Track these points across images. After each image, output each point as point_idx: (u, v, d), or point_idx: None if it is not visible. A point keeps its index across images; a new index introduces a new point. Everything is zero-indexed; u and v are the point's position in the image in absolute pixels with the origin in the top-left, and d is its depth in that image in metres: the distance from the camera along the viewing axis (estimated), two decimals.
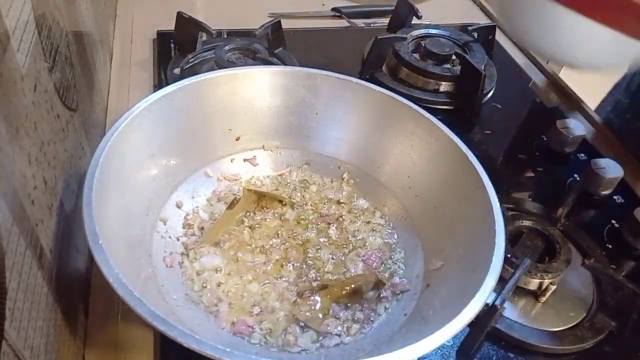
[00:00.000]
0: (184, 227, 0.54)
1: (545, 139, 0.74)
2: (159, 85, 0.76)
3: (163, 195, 0.54)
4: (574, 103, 0.84)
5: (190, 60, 0.74)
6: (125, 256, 0.43)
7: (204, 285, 0.49)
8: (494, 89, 0.82)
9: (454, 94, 0.79)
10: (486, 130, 0.76)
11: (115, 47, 0.84)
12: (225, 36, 0.83)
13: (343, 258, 0.53)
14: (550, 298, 0.53)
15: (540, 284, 0.52)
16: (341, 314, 0.48)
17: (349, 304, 0.49)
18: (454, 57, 0.82)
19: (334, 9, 0.98)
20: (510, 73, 0.88)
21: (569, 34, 0.51)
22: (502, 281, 0.43)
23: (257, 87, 0.58)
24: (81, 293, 0.50)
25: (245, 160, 0.61)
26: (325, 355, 0.45)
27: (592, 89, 1.01)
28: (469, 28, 0.88)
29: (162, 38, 0.85)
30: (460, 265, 0.47)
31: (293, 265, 0.52)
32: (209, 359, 0.33)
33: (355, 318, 0.48)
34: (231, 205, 0.55)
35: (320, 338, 0.46)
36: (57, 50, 0.48)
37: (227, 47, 0.75)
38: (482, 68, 0.76)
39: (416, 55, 0.82)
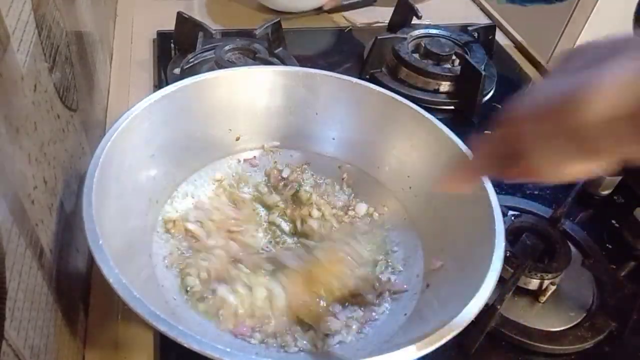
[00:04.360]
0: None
1: None
2: (159, 85, 0.76)
3: (163, 195, 0.54)
4: None
5: (190, 60, 0.74)
6: (125, 256, 0.43)
7: (204, 285, 0.49)
8: (494, 89, 0.82)
9: (454, 94, 0.79)
10: (486, 130, 0.76)
11: (115, 47, 0.84)
12: (226, 36, 0.83)
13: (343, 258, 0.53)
14: (550, 298, 0.53)
15: (540, 284, 0.52)
16: (341, 314, 0.48)
17: (349, 304, 0.49)
18: (454, 57, 0.82)
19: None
20: (510, 73, 0.88)
21: None
22: (502, 281, 0.43)
23: (257, 87, 0.58)
24: (81, 293, 0.50)
25: (245, 160, 0.61)
26: (325, 356, 0.45)
27: None
28: (469, 28, 0.88)
29: (162, 38, 0.85)
30: (460, 265, 0.47)
31: (293, 265, 0.52)
32: (209, 359, 0.33)
33: (355, 318, 0.48)
34: (232, 206, 0.55)
35: (321, 338, 0.46)
36: (57, 50, 0.48)
37: (227, 47, 0.75)
38: (482, 68, 0.77)
39: (416, 55, 0.82)
